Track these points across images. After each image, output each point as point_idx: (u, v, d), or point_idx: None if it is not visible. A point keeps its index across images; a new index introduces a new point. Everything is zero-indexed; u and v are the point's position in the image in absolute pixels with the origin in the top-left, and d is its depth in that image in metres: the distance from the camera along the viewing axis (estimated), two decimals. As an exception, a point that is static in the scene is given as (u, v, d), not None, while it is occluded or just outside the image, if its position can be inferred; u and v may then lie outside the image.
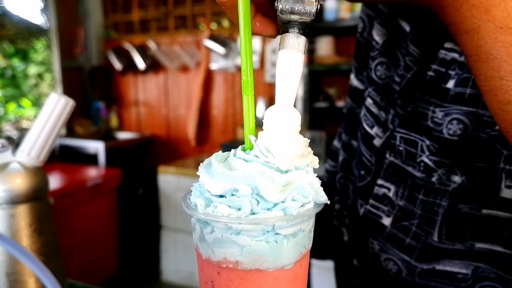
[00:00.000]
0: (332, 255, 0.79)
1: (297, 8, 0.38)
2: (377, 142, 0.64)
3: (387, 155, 0.61)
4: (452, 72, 0.53)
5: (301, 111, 3.18)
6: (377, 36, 0.63)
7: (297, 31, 0.39)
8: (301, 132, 0.39)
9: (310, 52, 2.94)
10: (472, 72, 0.42)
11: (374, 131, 0.64)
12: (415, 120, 0.57)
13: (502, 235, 0.53)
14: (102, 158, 3.25)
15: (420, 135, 0.57)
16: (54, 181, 2.64)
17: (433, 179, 0.56)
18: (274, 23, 0.42)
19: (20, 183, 0.61)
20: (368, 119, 0.66)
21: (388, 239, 0.62)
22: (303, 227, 0.38)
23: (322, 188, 0.38)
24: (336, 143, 0.84)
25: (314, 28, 0.40)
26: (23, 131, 3.46)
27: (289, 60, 0.39)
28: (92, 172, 3.00)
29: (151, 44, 3.74)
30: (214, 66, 3.52)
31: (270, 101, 3.29)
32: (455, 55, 0.52)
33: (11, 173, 0.62)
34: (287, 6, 0.38)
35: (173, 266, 3.12)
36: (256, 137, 0.39)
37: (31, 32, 3.77)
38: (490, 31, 0.38)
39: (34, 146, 0.63)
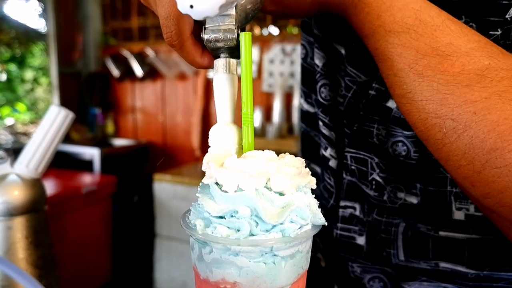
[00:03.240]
0: (311, 284, 0.76)
1: (219, 37, 0.42)
2: (332, 163, 0.65)
3: (344, 175, 0.62)
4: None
5: (296, 121, 3.19)
6: (317, 60, 0.65)
7: (227, 55, 0.44)
8: (296, 142, 0.42)
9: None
10: (379, 71, 0.46)
11: (329, 152, 0.65)
12: (361, 138, 0.59)
13: (463, 255, 0.54)
14: (97, 164, 3.24)
15: (368, 153, 0.58)
16: (48, 188, 2.62)
17: (385, 197, 0.58)
18: (208, 51, 0.46)
19: (17, 195, 0.61)
20: (321, 141, 0.66)
21: (368, 258, 0.62)
22: (301, 248, 0.38)
23: (320, 210, 0.39)
24: None
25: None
26: (18, 136, 3.45)
27: (223, 82, 0.43)
28: (87, 179, 2.99)
29: (149, 52, 3.75)
30: (212, 74, 3.52)
31: (267, 111, 3.31)
32: None
33: (8, 185, 0.62)
34: (211, 36, 0.42)
35: (166, 275, 3.10)
36: None
37: (29, 36, 3.78)
38: (382, 34, 0.43)
39: (33, 158, 0.63)
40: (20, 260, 0.61)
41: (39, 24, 3.77)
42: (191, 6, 0.36)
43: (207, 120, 3.62)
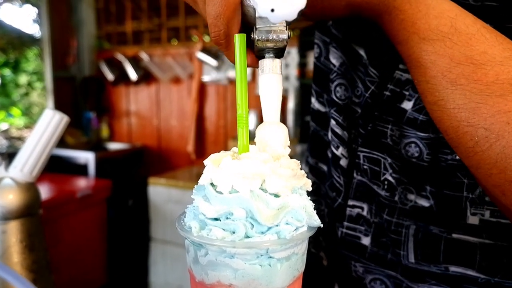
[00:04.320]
0: (311, 283, 0.76)
1: (271, 37, 0.42)
2: (343, 162, 0.65)
3: (355, 174, 0.62)
4: (406, 93, 0.55)
5: (291, 124, 3.20)
6: (333, 59, 0.66)
7: (272, 55, 0.44)
8: (291, 145, 0.43)
9: (302, 65, 2.96)
10: (411, 77, 0.46)
11: (340, 151, 0.65)
12: (375, 138, 0.59)
13: (474, 259, 0.54)
14: (92, 168, 3.23)
15: (382, 153, 0.59)
16: (43, 192, 2.59)
17: (396, 198, 0.58)
18: (252, 52, 0.46)
19: (12, 199, 0.61)
20: (333, 140, 0.67)
21: (371, 259, 0.62)
22: (297, 250, 0.38)
23: (315, 212, 0.39)
24: (303, 167, 0.84)
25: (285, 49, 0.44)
26: (12, 140, 3.44)
27: (270, 82, 0.44)
28: (82, 183, 2.98)
29: (144, 56, 3.75)
30: (206, 78, 3.53)
31: (260, 113, 3.30)
32: (409, 76, 0.55)
33: (3, 189, 0.61)
34: (262, 37, 0.42)
35: (162, 279, 3.09)
36: None
37: (23, 41, 3.76)
38: (416, 41, 0.43)
39: (27, 162, 0.63)
40: (15, 264, 0.61)
41: (33, 29, 3.76)
42: (272, 10, 0.36)
43: (201, 124, 3.62)
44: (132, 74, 3.72)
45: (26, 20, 3.75)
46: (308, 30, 2.86)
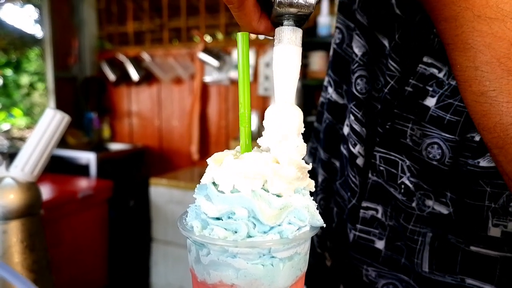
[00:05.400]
0: (313, 282, 0.73)
1: (296, 1, 0.36)
2: (360, 161, 0.60)
3: (370, 175, 0.58)
4: (429, 89, 0.51)
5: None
6: (356, 48, 0.60)
7: (292, 23, 0.38)
8: None
9: (304, 66, 2.96)
10: (450, 61, 0.41)
11: (357, 149, 0.60)
12: (393, 138, 0.55)
13: (493, 273, 0.50)
14: (93, 169, 3.23)
15: (399, 154, 0.55)
16: (44, 192, 2.59)
17: (413, 204, 0.54)
18: (267, 18, 0.41)
19: (13, 198, 0.61)
20: (351, 136, 0.62)
21: (385, 263, 0.58)
22: (299, 250, 0.38)
23: (318, 211, 0.39)
24: (310, 161, 0.78)
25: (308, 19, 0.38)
26: (13, 141, 3.44)
27: (288, 55, 0.38)
28: (83, 183, 2.98)
29: (145, 56, 3.75)
30: (208, 78, 3.53)
31: (263, 114, 3.29)
32: (434, 71, 0.51)
33: (4, 188, 0.61)
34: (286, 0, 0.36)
35: (163, 280, 3.09)
36: None
37: (25, 41, 3.77)
38: (468, 19, 0.37)
39: (28, 162, 0.62)
40: (15, 264, 0.60)
41: (35, 29, 3.77)
42: None
43: (203, 125, 3.62)
44: (134, 75, 3.72)
45: (28, 21, 3.76)
46: (309, 31, 2.86)
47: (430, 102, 0.51)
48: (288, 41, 0.38)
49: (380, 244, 0.59)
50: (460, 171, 0.50)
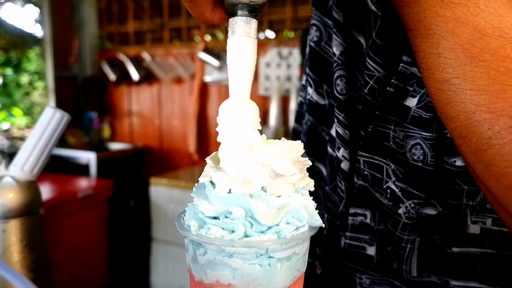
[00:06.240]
0: None
1: None
2: (344, 165, 0.58)
3: (355, 179, 0.56)
4: (410, 89, 0.50)
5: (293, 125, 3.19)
6: (334, 47, 0.57)
7: (247, 13, 0.36)
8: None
9: (304, 66, 2.96)
10: (413, 48, 0.40)
11: (341, 153, 0.57)
12: (376, 141, 0.53)
13: (476, 270, 0.50)
14: (93, 169, 3.23)
15: (384, 158, 0.53)
16: (44, 192, 2.59)
17: (400, 211, 0.52)
18: (221, 8, 0.39)
19: (12, 197, 0.61)
20: (335, 140, 0.59)
21: (378, 270, 0.58)
22: (297, 250, 0.38)
23: (317, 211, 0.39)
24: None
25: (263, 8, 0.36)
26: (13, 140, 3.44)
27: (241, 47, 0.37)
28: (83, 183, 2.98)
29: (146, 56, 3.75)
30: (208, 78, 3.53)
31: (263, 114, 3.31)
32: (415, 69, 0.49)
33: (3, 187, 0.61)
34: None
35: (163, 280, 3.09)
36: None
37: (25, 41, 3.77)
38: (431, 4, 0.36)
39: (28, 160, 0.62)
40: (15, 264, 0.60)
41: (35, 28, 3.77)
42: None
43: (203, 125, 3.62)
44: (134, 74, 3.72)
45: (28, 20, 3.75)
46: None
47: (411, 102, 0.49)
48: (242, 32, 0.36)
49: (371, 251, 0.58)
50: (443, 171, 0.49)
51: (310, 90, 0.66)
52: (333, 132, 0.60)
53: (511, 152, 0.33)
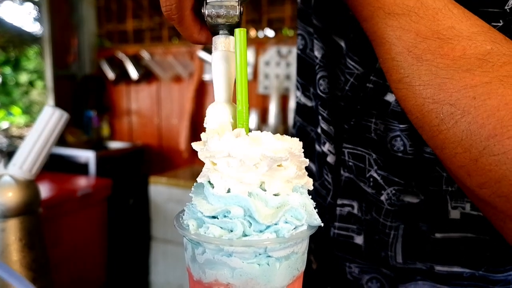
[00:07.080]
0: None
1: (222, 13, 0.41)
2: (330, 159, 0.63)
3: (341, 171, 0.61)
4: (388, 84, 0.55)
5: (292, 123, 3.19)
6: (316, 51, 0.64)
7: (226, 32, 0.43)
8: None
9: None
10: (377, 56, 0.45)
11: (327, 147, 0.63)
12: (359, 134, 0.58)
13: (458, 254, 0.54)
14: (92, 167, 3.23)
15: (366, 149, 0.58)
16: (43, 191, 2.59)
17: (382, 197, 0.57)
18: (206, 29, 0.45)
19: (11, 196, 0.61)
20: (320, 136, 0.65)
21: (366, 258, 0.61)
22: (296, 249, 0.38)
23: (315, 211, 0.39)
24: None
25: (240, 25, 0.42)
26: (12, 139, 3.43)
27: (222, 59, 0.43)
28: (82, 182, 2.98)
29: (145, 54, 3.74)
30: (207, 77, 3.52)
31: (263, 113, 3.31)
32: None
33: (2, 186, 0.61)
34: (212, 12, 0.41)
35: (162, 278, 3.09)
36: None
37: (24, 39, 3.76)
38: (381, 17, 0.41)
39: (27, 159, 0.62)
40: (14, 263, 0.61)
41: (34, 27, 3.76)
42: None
43: (199, 123, 3.62)
44: (133, 73, 3.71)
45: (27, 19, 3.75)
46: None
47: (391, 97, 0.54)
48: (222, 47, 0.43)
49: (359, 240, 0.61)
50: (423, 159, 0.53)
51: (298, 93, 0.73)
52: (318, 130, 0.65)
53: (455, 135, 0.37)
